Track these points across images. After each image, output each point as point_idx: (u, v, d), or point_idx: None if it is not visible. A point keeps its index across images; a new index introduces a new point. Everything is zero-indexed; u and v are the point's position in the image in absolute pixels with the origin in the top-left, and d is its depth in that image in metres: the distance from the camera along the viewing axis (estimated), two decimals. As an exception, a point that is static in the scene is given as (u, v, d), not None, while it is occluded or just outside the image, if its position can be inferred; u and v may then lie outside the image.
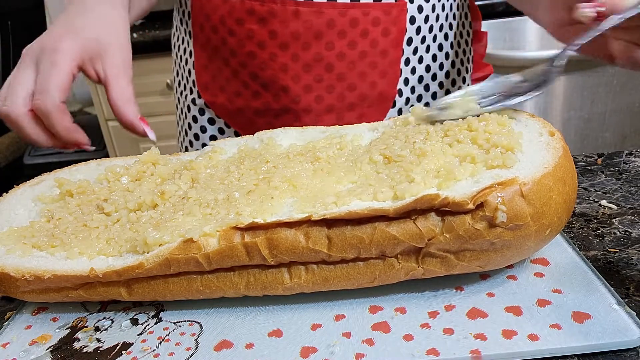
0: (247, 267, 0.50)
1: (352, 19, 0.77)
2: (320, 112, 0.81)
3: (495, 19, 1.77)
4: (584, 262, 0.52)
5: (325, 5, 0.76)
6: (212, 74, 0.84)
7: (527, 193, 0.45)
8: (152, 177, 0.60)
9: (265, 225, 0.47)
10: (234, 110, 0.84)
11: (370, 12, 0.77)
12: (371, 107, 0.83)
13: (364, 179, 0.52)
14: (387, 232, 0.46)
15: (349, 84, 0.80)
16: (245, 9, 0.77)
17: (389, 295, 0.51)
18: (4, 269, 0.51)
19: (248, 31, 0.78)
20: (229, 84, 0.83)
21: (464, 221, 0.45)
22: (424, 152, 0.52)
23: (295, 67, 0.79)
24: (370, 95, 0.82)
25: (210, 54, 0.83)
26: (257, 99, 0.82)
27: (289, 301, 0.52)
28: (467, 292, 0.50)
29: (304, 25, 0.76)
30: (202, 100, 0.87)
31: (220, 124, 0.87)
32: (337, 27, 0.77)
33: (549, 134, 0.52)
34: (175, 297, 0.52)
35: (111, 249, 0.52)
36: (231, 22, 0.78)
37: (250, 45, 0.78)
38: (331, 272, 0.49)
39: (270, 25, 0.77)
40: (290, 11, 0.76)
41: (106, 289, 0.51)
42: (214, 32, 0.80)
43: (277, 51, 0.78)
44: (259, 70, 0.79)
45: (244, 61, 0.80)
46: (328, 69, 0.79)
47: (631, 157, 0.74)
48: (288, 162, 0.56)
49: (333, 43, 0.78)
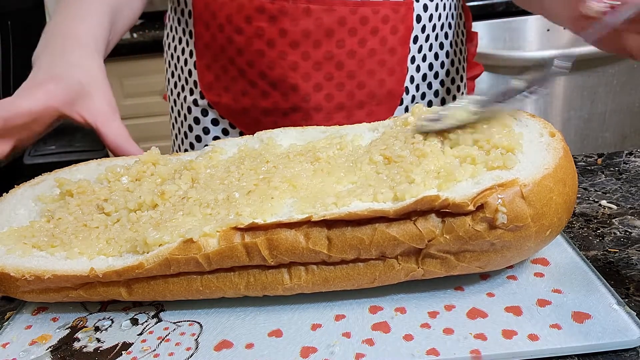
0: (247, 268, 0.50)
1: (362, 16, 0.77)
2: (330, 111, 0.81)
3: (495, 19, 1.77)
4: (584, 262, 0.52)
5: (337, 2, 0.76)
6: (215, 73, 0.83)
7: (527, 194, 0.45)
8: (152, 177, 0.60)
9: (266, 226, 0.47)
10: (240, 110, 0.84)
11: (380, 10, 0.78)
12: (380, 105, 0.83)
13: (364, 180, 0.52)
14: (387, 233, 0.46)
15: (358, 82, 0.80)
16: (255, 6, 0.76)
17: (389, 295, 0.51)
18: (4, 268, 0.51)
19: (257, 29, 0.77)
20: (235, 84, 0.82)
21: (464, 222, 0.45)
22: (424, 152, 0.52)
23: (306, 66, 0.78)
24: (379, 93, 0.82)
25: (214, 53, 0.82)
26: (265, 98, 0.81)
27: (289, 301, 0.52)
28: (467, 292, 0.50)
29: (315, 23, 0.76)
30: (205, 100, 0.86)
31: (225, 124, 0.87)
32: (348, 25, 0.77)
33: (550, 134, 0.52)
34: (175, 297, 0.52)
35: (111, 249, 0.52)
36: (239, 20, 0.77)
37: (259, 44, 0.78)
38: (331, 273, 0.49)
39: (280, 24, 0.76)
40: (302, 9, 0.76)
41: (106, 289, 0.51)
42: (220, 30, 0.79)
43: (287, 49, 0.77)
44: (268, 69, 0.79)
45: (251, 60, 0.79)
46: (338, 66, 0.79)
47: (631, 157, 0.74)
48: (288, 162, 0.56)
49: (344, 41, 0.78)
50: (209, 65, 0.83)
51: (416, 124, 0.58)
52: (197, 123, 0.89)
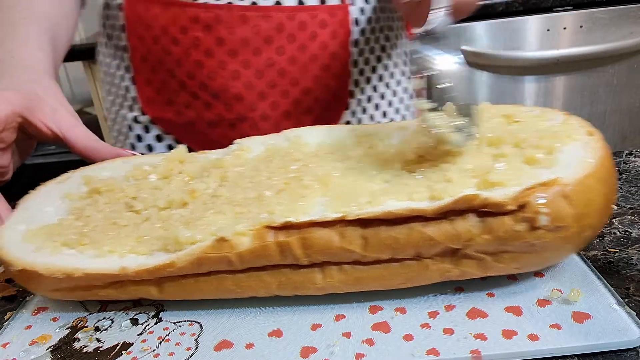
0: (279, 267, 0.49)
1: (300, 22, 0.76)
2: (277, 119, 0.80)
3: (495, 19, 1.77)
4: (584, 262, 0.52)
5: (273, 9, 0.74)
6: (156, 87, 0.80)
7: (569, 194, 0.44)
8: (180, 175, 0.59)
9: (299, 225, 0.47)
10: (185, 123, 0.81)
11: (317, 15, 0.76)
12: (327, 110, 0.82)
13: (397, 179, 0.51)
14: (424, 233, 0.45)
15: (303, 88, 0.79)
16: (189, 16, 0.74)
17: (389, 295, 0.51)
18: (33, 266, 0.50)
19: (193, 39, 0.75)
20: (177, 97, 0.79)
21: (504, 222, 0.44)
22: (459, 151, 0.51)
23: (247, 74, 0.77)
24: (325, 98, 0.81)
25: (152, 66, 0.79)
26: (209, 109, 0.79)
27: (289, 302, 0.52)
28: (467, 292, 0.50)
29: (252, 30, 0.74)
30: (147, 117, 0.83)
31: (170, 140, 0.84)
32: (286, 31, 0.76)
33: (587, 133, 0.51)
34: (206, 296, 0.51)
35: (142, 247, 0.51)
36: (174, 30, 0.75)
37: (197, 54, 0.75)
38: (364, 273, 0.48)
39: (216, 32, 0.74)
40: (237, 17, 0.74)
41: (136, 287, 0.51)
42: (155, 42, 0.77)
43: (227, 58, 0.75)
44: (208, 80, 0.77)
45: (191, 71, 0.77)
46: (281, 73, 0.78)
47: (631, 157, 0.74)
48: (318, 161, 0.56)
49: (284, 47, 0.76)
50: (149, 79, 0.80)
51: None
52: (140, 141, 0.86)
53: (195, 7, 0.73)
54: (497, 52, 1.81)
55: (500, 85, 1.87)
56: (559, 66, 1.84)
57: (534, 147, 0.49)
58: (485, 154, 0.50)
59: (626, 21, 1.79)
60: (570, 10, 1.78)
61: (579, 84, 1.88)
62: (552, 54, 1.81)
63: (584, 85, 1.88)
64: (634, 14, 1.78)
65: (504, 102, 1.07)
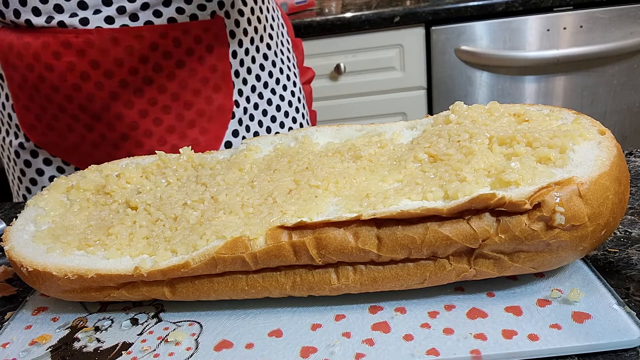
0: (294, 267, 0.49)
1: (174, 39, 0.76)
2: (162, 134, 0.80)
3: (495, 19, 1.77)
4: (584, 262, 0.52)
5: (144, 29, 0.74)
6: (35, 113, 0.80)
7: (584, 193, 0.44)
8: (190, 176, 0.59)
9: (313, 225, 0.47)
10: (69, 146, 0.81)
11: (190, 31, 0.77)
12: (211, 122, 0.83)
13: (410, 178, 0.51)
14: (440, 233, 0.45)
15: (184, 102, 0.80)
16: (60, 42, 0.73)
17: (389, 295, 0.51)
18: (45, 267, 0.50)
19: (68, 64, 0.74)
20: (57, 121, 0.79)
21: (520, 222, 0.44)
22: (472, 150, 0.50)
23: (126, 93, 0.77)
24: (208, 110, 0.82)
25: (29, 93, 0.78)
26: (90, 131, 0.79)
27: (289, 302, 0.52)
28: (467, 292, 0.50)
29: (125, 51, 0.74)
30: (32, 142, 0.83)
31: (58, 162, 0.84)
32: (160, 49, 0.76)
33: (599, 132, 0.51)
34: (220, 297, 0.51)
35: (153, 248, 0.51)
36: (47, 57, 0.74)
37: (73, 78, 0.75)
38: (380, 273, 0.48)
39: (89, 56, 0.74)
40: (108, 39, 0.74)
41: (149, 288, 0.51)
42: (29, 70, 0.76)
43: (103, 80, 0.75)
44: (87, 102, 0.77)
45: (69, 95, 0.76)
46: (161, 90, 0.78)
47: (631, 157, 0.74)
48: (328, 161, 0.55)
49: (160, 65, 0.77)
50: (27, 105, 0.80)
51: None
52: (28, 166, 0.86)
53: (66, 33, 0.73)
54: (497, 52, 1.81)
55: (500, 85, 1.87)
56: (558, 66, 1.84)
57: (546, 146, 0.49)
58: (498, 153, 0.50)
59: (626, 21, 1.79)
60: (570, 10, 1.78)
61: (579, 84, 1.88)
62: (552, 54, 1.81)
63: (584, 85, 1.88)
64: (634, 14, 1.78)
65: (504, 102, 1.07)
